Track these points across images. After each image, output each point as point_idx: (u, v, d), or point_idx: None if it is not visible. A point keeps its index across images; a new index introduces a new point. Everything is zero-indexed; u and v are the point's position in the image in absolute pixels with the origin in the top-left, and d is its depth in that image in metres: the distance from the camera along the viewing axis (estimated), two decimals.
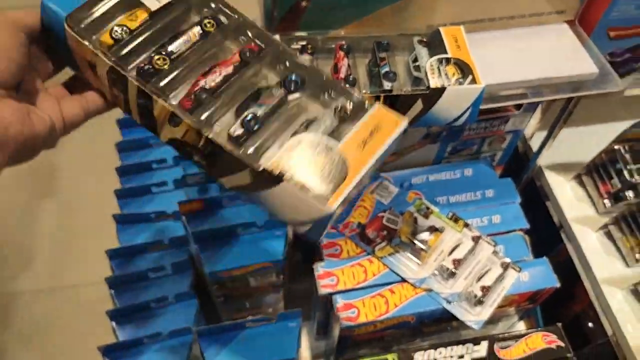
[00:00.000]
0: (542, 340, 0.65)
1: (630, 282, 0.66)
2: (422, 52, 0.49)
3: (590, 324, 0.78)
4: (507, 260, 0.62)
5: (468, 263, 0.63)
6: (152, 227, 0.73)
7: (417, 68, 0.48)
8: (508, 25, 0.59)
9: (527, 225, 0.68)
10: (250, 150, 0.34)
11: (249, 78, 0.37)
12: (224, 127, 0.35)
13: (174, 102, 0.35)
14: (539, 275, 0.63)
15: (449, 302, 0.61)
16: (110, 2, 0.35)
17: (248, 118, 0.34)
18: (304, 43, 0.49)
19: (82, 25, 0.34)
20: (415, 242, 0.63)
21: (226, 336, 0.59)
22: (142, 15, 0.35)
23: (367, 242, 0.65)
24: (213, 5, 0.38)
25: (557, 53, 0.58)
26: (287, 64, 0.38)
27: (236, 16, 0.38)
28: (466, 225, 0.65)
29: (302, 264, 0.80)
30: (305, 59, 0.42)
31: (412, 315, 0.61)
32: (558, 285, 0.63)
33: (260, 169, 0.33)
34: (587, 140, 0.80)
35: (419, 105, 0.46)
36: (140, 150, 0.79)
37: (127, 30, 0.34)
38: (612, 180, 0.71)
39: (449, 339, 0.68)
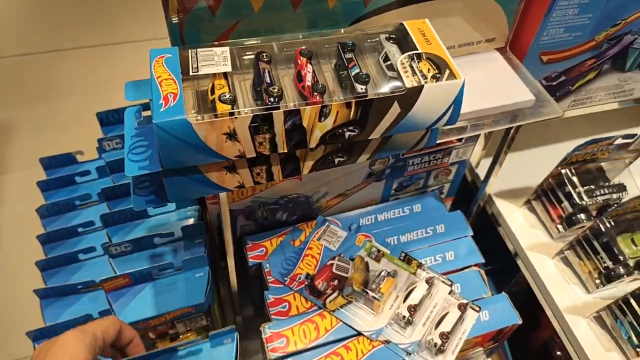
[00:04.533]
0: None
1: (593, 309, 0.63)
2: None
3: (558, 352, 0.75)
4: (465, 300, 0.59)
5: (425, 307, 0.59)
6: (80, 300, 0.66)
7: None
8: None
9: (482, 260, 0.64)
10: (385, 89, 0.43)
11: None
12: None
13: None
14: (499, 313, 0.60)
15: (409, 353, 0.56)
16: (190, 91, 0.41)
17: (362, 76, 0.43)
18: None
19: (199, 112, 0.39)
20: (368, 290, 0.58)
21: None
22: (221, 80, 0.41)
23: (317, 294, 0.60)
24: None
25: (492, 82, 0.56)
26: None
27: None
28: (419, 265, 0.62)
29: (254, 319, 0.74)
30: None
31: None
32: (520, 322, 0.59)
33: (405, 90, 0.42)
34: (533, 164, 0.79)
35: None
36: (65, 214, 0.72)
37: (228, 92, 0.40)
38: (562, 204, 0.69)
39: None
